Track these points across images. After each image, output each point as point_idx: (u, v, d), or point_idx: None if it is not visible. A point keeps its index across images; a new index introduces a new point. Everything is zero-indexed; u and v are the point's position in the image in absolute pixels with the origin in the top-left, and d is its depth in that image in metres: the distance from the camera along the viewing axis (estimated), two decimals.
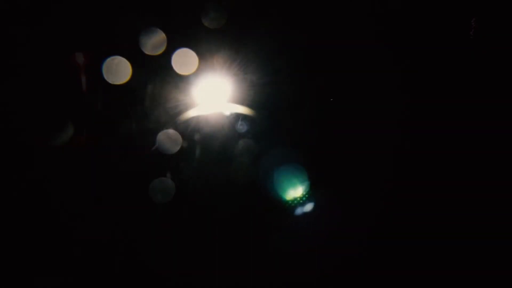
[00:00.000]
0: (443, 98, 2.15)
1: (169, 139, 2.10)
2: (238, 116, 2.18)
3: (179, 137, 2.11)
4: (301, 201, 2.47)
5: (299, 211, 2.49)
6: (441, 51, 2.11)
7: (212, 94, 2.15)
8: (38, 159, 1.95)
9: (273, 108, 2.15)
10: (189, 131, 2.13)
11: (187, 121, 2.13)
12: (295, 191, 2.45)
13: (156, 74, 2.02)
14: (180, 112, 2.11)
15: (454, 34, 2.10)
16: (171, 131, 2.10)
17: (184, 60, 2.01)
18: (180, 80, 2.04)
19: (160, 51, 1.97)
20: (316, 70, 2.14)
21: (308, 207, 2.48)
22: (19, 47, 1.90)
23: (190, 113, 2.14)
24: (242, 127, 2.17)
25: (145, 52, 1.96)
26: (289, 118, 2.19)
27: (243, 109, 2.17)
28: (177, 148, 2.11)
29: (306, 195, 2.45)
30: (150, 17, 1.94)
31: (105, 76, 1.94)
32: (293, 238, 2.38)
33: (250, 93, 2.13)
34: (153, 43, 1.95)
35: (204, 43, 1.99)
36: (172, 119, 2.09)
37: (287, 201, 2.45)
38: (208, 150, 2.18)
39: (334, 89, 2.19)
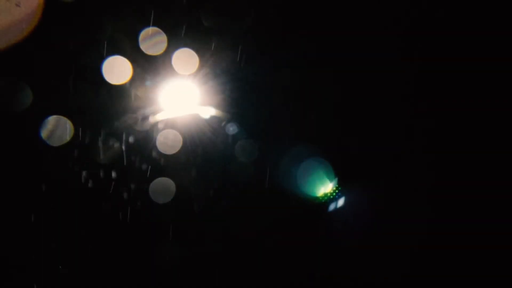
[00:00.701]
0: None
1: (167, 140, 2.09)
2: (233, 119, 2.14)
3: (178, 138, 2.12)
4: (332, 197, 2.43)
5: (332, 207, 2.45)
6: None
7: (203, 96, 2.12)
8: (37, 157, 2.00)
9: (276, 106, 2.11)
10: (184, 133, 2.12)
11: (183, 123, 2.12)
12: (325, 187, 2.41)
13: (154, 74, 2.00)
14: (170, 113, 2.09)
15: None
16: (169, 131, 2.10)
17: (183, 61, 1.99)
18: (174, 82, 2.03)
19: (160, 51, 1.95)
20: (322, 69, 2.09)
21: (340, 202, 2.43)
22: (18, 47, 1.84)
23: (184, 115, 2.13)
24: (232, 128, 2.13)
25: (145, 52, 1.93)
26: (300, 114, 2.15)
27: (239, 110, 2.13)
28: (176, 149, 2.11)
29: (337, 190, 2.40)
30: (149, 17, 1.91)
31: (105, 76, 1.92)
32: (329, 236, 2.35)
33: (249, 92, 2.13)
34: (152, 43, 1.93)
35: (200, 45, 1.97)
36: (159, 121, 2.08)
37: (317, 198, 2.42)
38: (203, 152, 2.17)
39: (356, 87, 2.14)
